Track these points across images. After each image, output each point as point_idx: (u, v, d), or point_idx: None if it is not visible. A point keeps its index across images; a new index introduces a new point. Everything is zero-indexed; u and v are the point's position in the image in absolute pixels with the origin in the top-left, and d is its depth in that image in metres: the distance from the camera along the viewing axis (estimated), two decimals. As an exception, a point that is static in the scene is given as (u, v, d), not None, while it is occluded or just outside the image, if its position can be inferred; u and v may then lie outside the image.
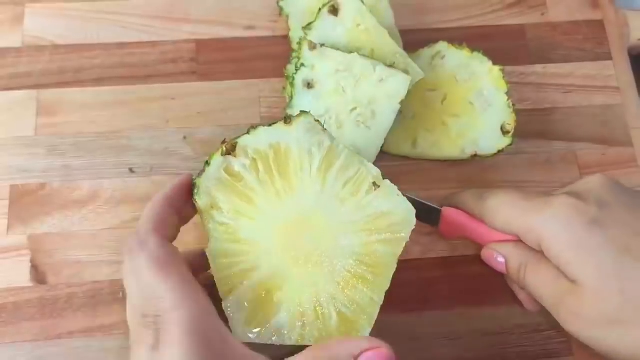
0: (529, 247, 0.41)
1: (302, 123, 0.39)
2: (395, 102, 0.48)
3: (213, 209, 0.38)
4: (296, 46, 0.50)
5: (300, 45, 0.49)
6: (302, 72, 0.49)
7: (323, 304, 0.37)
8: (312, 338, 0.37)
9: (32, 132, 0.51)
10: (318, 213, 0.38)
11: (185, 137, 0.51)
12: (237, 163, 0.38)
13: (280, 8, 0.54)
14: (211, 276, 0.38)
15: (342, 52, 0.48)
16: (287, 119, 0.39)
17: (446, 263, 0.48)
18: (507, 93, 0.50)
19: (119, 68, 0.53)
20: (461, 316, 0.47)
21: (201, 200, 0.38)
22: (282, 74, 0.52)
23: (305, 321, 0.37)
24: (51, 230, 0.48)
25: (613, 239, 0.38)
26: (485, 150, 0.49)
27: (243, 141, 0.39)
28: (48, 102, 0.51)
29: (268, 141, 0.39)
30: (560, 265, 0.39)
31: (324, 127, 0.39)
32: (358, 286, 0.37)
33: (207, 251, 0.38)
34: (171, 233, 0.37)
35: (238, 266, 0.38)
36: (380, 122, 0.48)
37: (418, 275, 0.48)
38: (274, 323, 0.37)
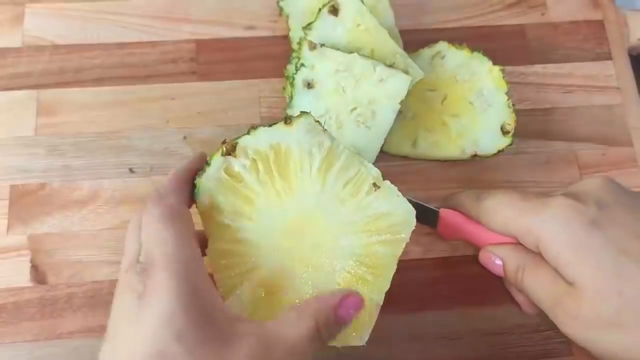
0: (527, 250, 0.41)
1: (302, 123, 0.39)
2: (395, 102, 0.48)
3: (213, 210, 0.38)
4: (296, 46, 0.50)
5: (300, 45, 0.49)
6: (302, 72, 0.49)
7: (323, 305, 0.37)
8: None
9: (32, 132, 0.51)
10: (318, 214, 0.38)
11: (185, 137, 0.51)
12: (237, 163, 0.38)
13: (280, 8, 0.54)
14: (210, 275, 0.38)
15: (342, 52, 0.48)
16: (287, 119, 0.39)
17: (446, 263, 0.48)
18: (507, 93, 0.50)
19: (119, 68, 0.53)
20: (461, 316, 0.47)
21: (201, 200, 0.38)
22: (282, 74, 0.52)
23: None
24: (51, 230, 0.48)
25: (612, 240, 0.37)
26: (485, 150, 0.49)
27: (243, 141, 0.39)
28: (48, 102, 0.51)
29: (268, 141, 0.38)
30: (558, 266, 0.38)
31: (324, 128, 0.39)
32: (358, 287, 0.37)
33: (207, 252, 0.38)
34: (187, 198, 0.38)
35: (238, 267, 0.38)
36: (380, 122, 0.48)
37: (418, 275, 0.48)
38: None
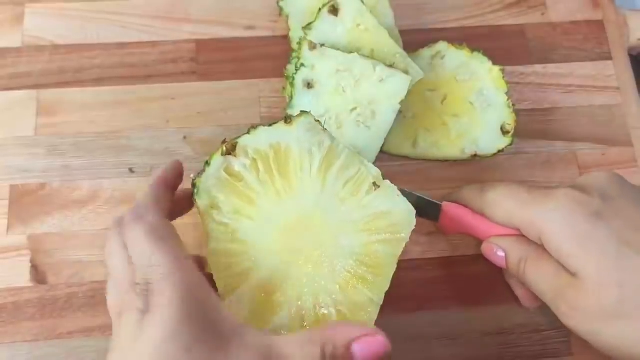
0: (530, 241, 0.41)
1: (302, 123, 0.39)
2: (395, 102, 0.48)
3: (213, 209, 0.38)
4: (296, 46, 0.50)
5: (300, 45, 0.49)
6: (302, 72, 0.49)
7: (323, 305, 0.37)
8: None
9: (32, 132, 0.50)
10: (318, 213, 0.38)
11: (185, 137, 0.51)
12: (237, 163, 0.38)
13: (280, 8, 0.54)
14: (210, 276, 0.38)
15: (342, 52, 0.48)
16: (287, 119, 0.39)
17: (446, 263, 0.48)
18: (507, 93, 0.50)
19: (119, 68, 0.53)
20: (461, 316, 0.47)
21: (201, 200, 0.38)
22: (282, 74, 0.52)
23: (305, 322, 0.37)
24: (51, 230, 0.48)
25: (615, 232, 0.37)
26: (485, 150, 0.49)
27: (243, 141, 0.39)
28: (48, 102, 0.51)
29: (268, 141, 0.38)
30: (561, 257, 0.38)
31: (324, 127, 0.39)
32: (358, 287, 0.37)
33: (207, 251, 0.38)
34: (167, 210, 0.38)
35: (238, 266, 0.38)
36: (380, 122, 0.48)
37: (418, 275, 0.48)
38: (274, 323, 0.37)
